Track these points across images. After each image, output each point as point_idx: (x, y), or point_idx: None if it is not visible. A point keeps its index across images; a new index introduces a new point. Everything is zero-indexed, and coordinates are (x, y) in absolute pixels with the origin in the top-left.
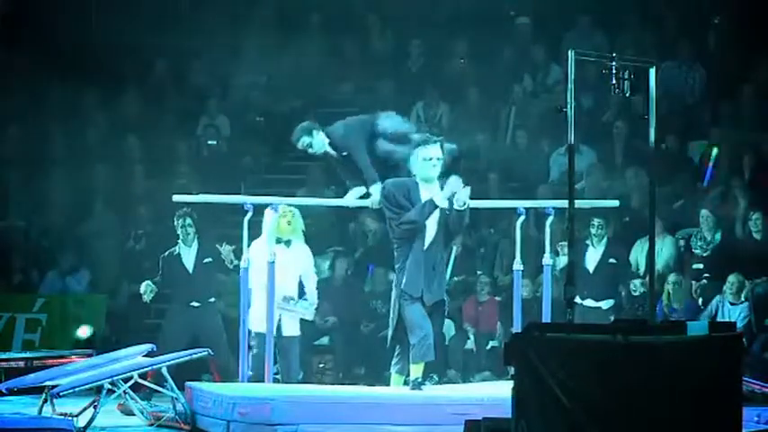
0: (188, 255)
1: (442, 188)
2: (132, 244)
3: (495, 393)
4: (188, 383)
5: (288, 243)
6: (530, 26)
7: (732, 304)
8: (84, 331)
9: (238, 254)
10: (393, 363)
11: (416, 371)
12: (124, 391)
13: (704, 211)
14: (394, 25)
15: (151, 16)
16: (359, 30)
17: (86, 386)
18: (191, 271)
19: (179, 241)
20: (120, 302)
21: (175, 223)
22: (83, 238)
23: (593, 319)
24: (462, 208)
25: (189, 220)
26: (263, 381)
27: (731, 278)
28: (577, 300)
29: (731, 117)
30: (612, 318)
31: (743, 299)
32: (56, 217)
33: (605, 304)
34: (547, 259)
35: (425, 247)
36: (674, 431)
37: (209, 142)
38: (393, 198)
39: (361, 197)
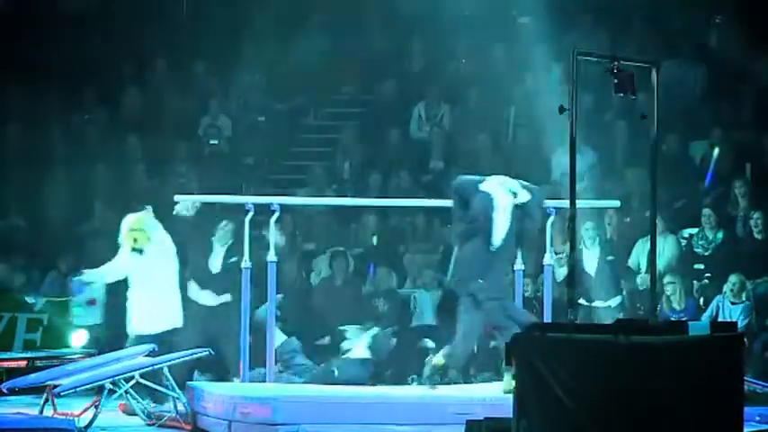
0: (217, 254)
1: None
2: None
3: (496, 393)
4: (189, 383)
5: (141, 251)
6: (531, 26)
7: (733, 304)
8: (79, 339)
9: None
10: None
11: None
12: (125, 391)
13: (707, 210)
14: (395, 25)
15: (152, 16)
16: (360, 29)
17: (88, 386)
18: (219, 269)
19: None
20: (122, 302)
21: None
22: (83, 237)
23: (604, 318)
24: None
25: (231, 225)
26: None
27: (732, 278)
28: (585, 302)
29: (732, 117)
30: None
31: (744, 299)
32: (56, 217)
33: (613, 302)
34: (548, 259)
35: (493, 247)
36: (675, 431)
37: (211, 142)
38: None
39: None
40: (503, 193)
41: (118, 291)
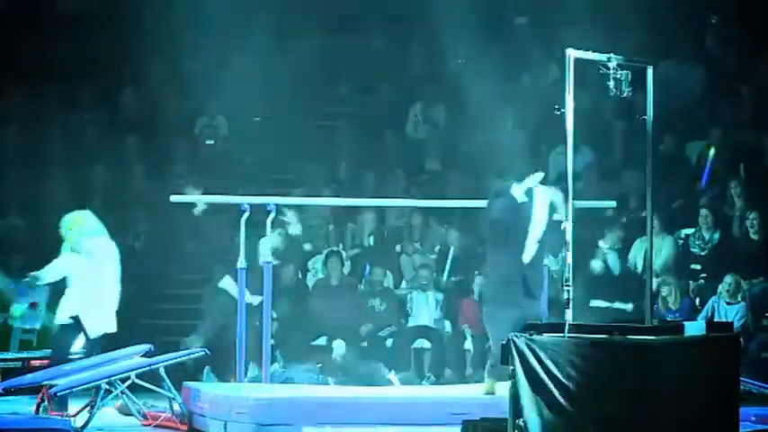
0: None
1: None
2: (131, 242)
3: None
4: (186, 383)
5: (77, 252)
6: (528, 26)
7: (728, 304)
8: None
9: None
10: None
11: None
12: (121, 392)
13: (704, 211)
14: (393, 26)
15: (149, 15)
16: (358, 30)
17: (84, 386)
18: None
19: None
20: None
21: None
22: None
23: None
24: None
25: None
26: None
27: (727, 278)
28: (605, 303)
29: (730, 117)
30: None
31: (739, 299)
32: (54, 217)
33: (630, 306)
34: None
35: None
36: (671, 431)
37: (208, 142)
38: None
39: None
40: (543, 207)
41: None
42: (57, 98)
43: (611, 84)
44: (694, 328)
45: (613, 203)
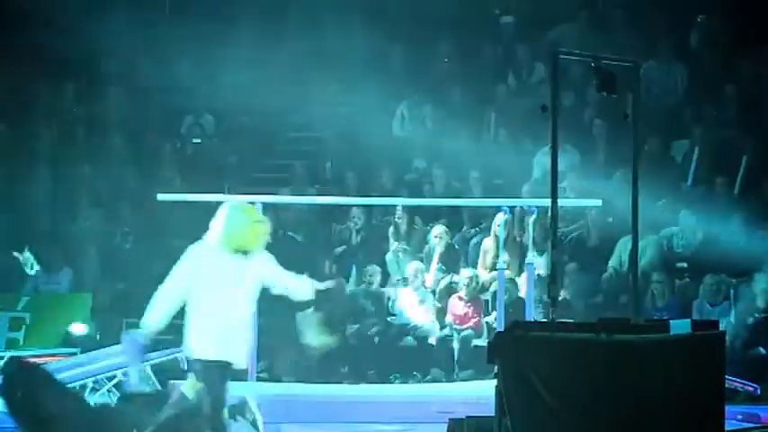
0: None
1: None
2: (119, 241)
3: (478, 392)
4: (172, 381)
5: (246, 253)
6: (514, 25)
7: (711, 305)
8: (78, 328)
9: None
10: None
11: None
12: (108, 390)
13: (685, 211)
14: (378, 24)
15: (136, 14)
16: (343, 29)
17: (71, 384)
18: None
19: None
20: (104, 300)
21: None
22: (67, 236)
23: None
24: None
25: None
26: None
27: (707, 279)
28: None
29: (714, 116)
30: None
31: (721, 299)
32: (41, 215)
33: None
34: (530, 258)
35: None
36: (657, 429)
37: (194, 140)
38: None
39: None
40: None
41: None
42: (44, 97)
43: (596, 82)
44: (679, 326)
45: (599, 202)
